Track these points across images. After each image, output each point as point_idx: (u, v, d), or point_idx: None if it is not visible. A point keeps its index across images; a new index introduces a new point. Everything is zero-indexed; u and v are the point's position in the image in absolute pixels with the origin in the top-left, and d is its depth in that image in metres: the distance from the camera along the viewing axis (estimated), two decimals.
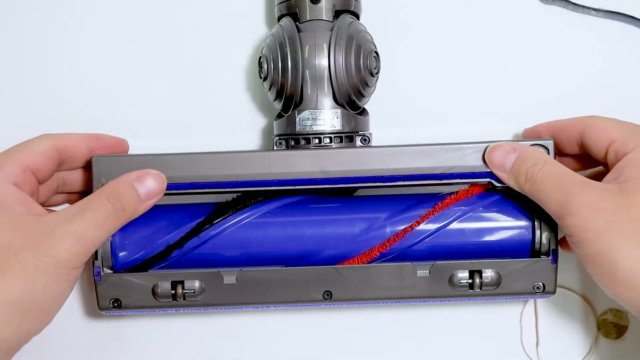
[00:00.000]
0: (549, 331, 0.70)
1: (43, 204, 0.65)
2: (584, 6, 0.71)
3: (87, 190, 0.66)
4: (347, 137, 0.65)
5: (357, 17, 0.67)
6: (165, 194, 0.64)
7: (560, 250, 0.64)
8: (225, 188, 0.64)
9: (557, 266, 0.63)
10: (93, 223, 0.59)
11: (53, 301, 0.60)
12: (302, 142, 0.65)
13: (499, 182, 0.63)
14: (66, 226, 0.59)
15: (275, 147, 0.66)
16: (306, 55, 0.64)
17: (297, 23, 0.65)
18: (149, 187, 0.62)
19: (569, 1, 0.71)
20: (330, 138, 0.65)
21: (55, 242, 0.58)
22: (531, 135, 0.67)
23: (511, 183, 0.62)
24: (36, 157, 0.62)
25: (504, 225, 0.64)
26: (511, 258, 0.64)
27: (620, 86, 0.71)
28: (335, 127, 0.65)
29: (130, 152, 0.67)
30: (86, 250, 0.59)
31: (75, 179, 0.66)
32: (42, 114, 0.71)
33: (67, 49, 0.71)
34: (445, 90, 0.71)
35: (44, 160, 0.63)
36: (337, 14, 0.66)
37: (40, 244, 0.58)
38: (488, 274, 0.64)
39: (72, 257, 0.59)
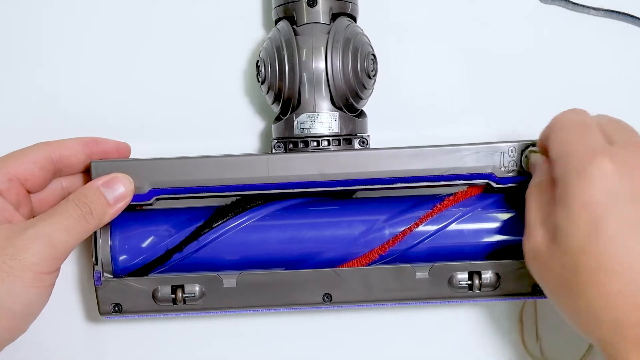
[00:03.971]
0: (549, 328, 0.70)
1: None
2: (583, 5, 0.71)
3: None
4: (345, 139, 0.65)
5: (354, 19, 0.68)
6: (165, 199, 0.64)
7: None
8: (224, 192, 0.64)
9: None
10: (61, 227, 0.60)
11: (23, 307, 0.60)
12: (301, 145, 0.65)
13: (497, 183, 0.63)
14: (34, 230, 0.59)
15: (273, 151, 0.66)
16: (303, 59, 0.64)
17: (294, 26, 0.66)
18: (117, 192, 0.62)
19: (569, 1, 0.71)
20: (329, 141, 0.65)
21: (23, 245, 0.59)
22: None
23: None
24: (26, 167, 0.63)
25: (502, 226, 0.64)
26: (510, 259, 0.64)
27: (620, 86, 0.71)
28: (333, 129, 0.65)
29: (129, 156, 0.67)
30: (56, 254, 0.60)
31: (77, 185, 0.66)
32: (40, 116, 0.71)
33: (65, 51, 0.71)
34: (443, 92, 0.71)
35: (36, 170, 0.63)
36: (334, 16, 0.66)
37: (7, 247, 0.58)
38: (487, 275, 0.63)
39: (41, 260, 0.59)
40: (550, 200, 0.55)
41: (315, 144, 0.65)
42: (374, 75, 0.66)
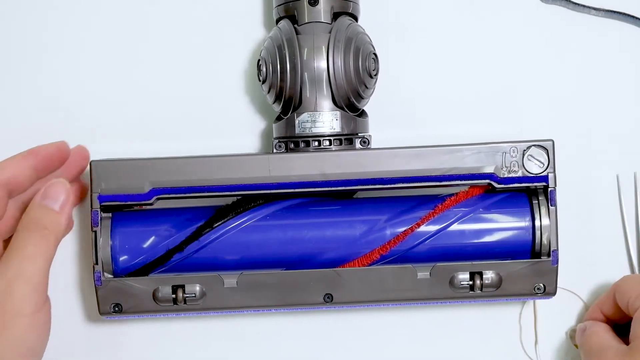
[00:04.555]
0: (547, 331, 0.70)
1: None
2: (584, 5, 0.71)
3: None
4: (347, 139, 0.65)
5: (356, 19, 0.67)
6: (166, 198, 0.64)
7: (560, 251, 0.64)
8: (225, 191, 0.64)
9: (557, 267, 0.63)
10: (25, 260, 0.59)
11: (27, 351, 0.59)
12: (302, 144, 0.65)
13: (498, 183, 0.63)
14: (2, 280, 0.58)
15: (274, 150, 0.65)
16: (305, 58, 0.64)
17: (296, 25, 0.65)
18: (59, 198, 0.61)
19: (569, 1, 0.71)
20: (330, 140, 0.65)
21: (1, 297, 0.57)
22: (593, 316, 0.68)
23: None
24: None
25: (504, 227, 0.64)
26: (511, 259, 0.64)
27: (620, 86, 0.71)
28: (334, 129, 0.65)
29: (129, 155, 0.67)
30: (35, 288, 0.59)
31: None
32: (41, 116, 0.71)
33: (65, 51, 0.71)
34: (444, 92, 0.71)
35: None
36: (336, 16, 0.66)
37: None
38: (489, 275, 0.63)
39: (23, 300, 0.58)
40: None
41: (316, 143, 0.65)
42: (375, 75, 0.66)
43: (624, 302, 0.63)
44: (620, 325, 0.66)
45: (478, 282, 0.63)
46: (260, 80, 0.66)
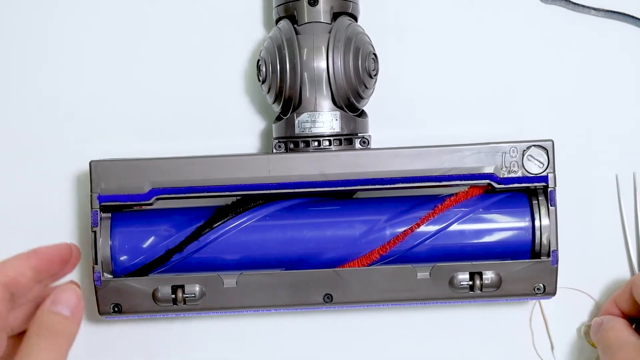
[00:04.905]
0: (560, 333, 0.70)
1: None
2: (584, 6, 0.71)
3: None
4: (346, 139, 0.65)
5: (355, 19, 0.67)
6: (166, 198, 0.64)
7: (560, 251, 0.64)
8: (224, 191, 0.64)
9: (557, 267, 0.63)
10: None
11: None
12: (302, 144, 0.65)
13: (498, 184, 0.63)
14: None
15: (274, 150, 0.65)
16: (304, 58, 0.64)
17: (295, 25, 0.65)
18: (68, 303, 0.59)
19: (569, 1, 0.71)
20: (330, 140, 0.65)
21: None
22: (609, 311, 0.68)
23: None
24: None
25: (504, 227, 0.64)
26: (511, 259, 0.64)
27: (620, 86, 0.71)
28: (334, 129, 0.65)
29: (129, 155, 0.67)
30: None
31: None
32: (41, 116, 0.71)
33: (66, 51, 0.71)
34: (444, 92, 0.71)
35: None
36: (335, 16, 0.66)
37: None
38: (488, 275, 0.63)
39: None
40: None
41: (316, 143, 0.65)
42: (375, 75, 0.66)
43: None
44: (635, 320, 0.65)
45: (478, 282, 0.63)
46: (260, 81, 0.66)
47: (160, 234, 0.65)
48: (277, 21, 0.67)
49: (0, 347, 0.59)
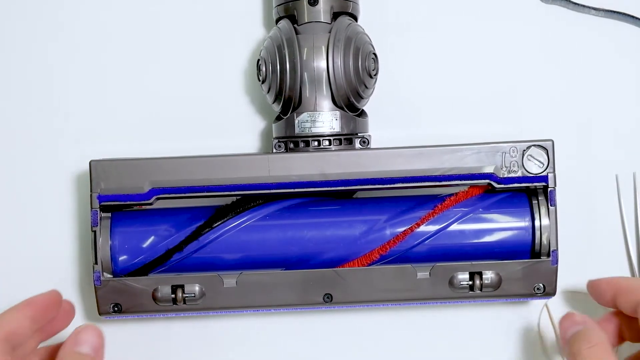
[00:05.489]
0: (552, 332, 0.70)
1: None
2: (584, 5, 0.71)
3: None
4: (346, 139, 0.65)
5: (355, 18, 0.67)
6: (165, 198, 0.64)
7: (560, 251, 0.64)
8: (224, 191, 0.64)
9: (557, 267, 0.63)
10: None
11: None
12: (302, 144, 0.65)
13: (498, 183, 0.63)
14: None
15: (274, 150, 0.65)
16: (304, 58, 0.64)
17: (295, 25, 0.65)
18: (90, 342, 0.60)
19: (570, 1, 0.71)
20: (330, 140, 0.65)
21: None
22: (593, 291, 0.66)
23: (563, 344, 0.62)
24: None
25: (504, 227, 0.64)
26: (511, 259, 0.64)
27: (620, 86, 0.71)
28: (334, 129, 0.65)
29: (128, 155, 0.67)
30: None
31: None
32: (41, 116, 0.71)
33: (64, 50, 0.71)
34: (444, 92, 0.71)
35: None
36: (335, 15, 0.66)
37: None
38: (488, 275, 0.63)
39: None
40: None
41: (316, 143, 0.65)
42: (375, 75, 0.66)
43: (629, 305, 0.62)
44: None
45: (478, 282, 0.63)
46: (260, 80, 0.66)
47: (160, 233, 0.65)
48: (277, 21, 0.67)
49: None
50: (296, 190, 0.64)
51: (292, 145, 0.65)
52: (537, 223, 0.64)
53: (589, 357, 0.59)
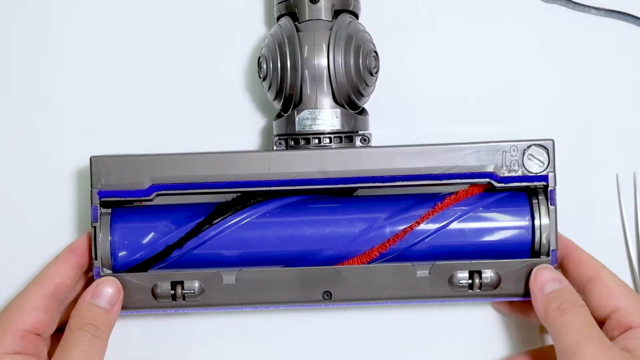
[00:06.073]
0: None
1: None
2: (584, 5, 0.71)
3: None
4: (347, 137, 0.65)
5: (357, 16, 0.67)
6: (166, 194, 0.64)
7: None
8: (224, 188, 0.64)
9: (557, 267, 0.63)
10: (80, 356, 0.59)
11: None
12: (302, 142, 0.65)
13: (498, 182, 0.63)
14: None
15: (274, 147, 0.65)
16: (305, 55, 0.64)
17: (296, 23, 0.65)
18: (107, 296, 0.61)
19: (570, 0, 0.71)
20: (330, 138, 0.65)
21: None
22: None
23: (538, 303, 0.61)
24: (32, 317, 0.61)
25: (503, 226, 0.64)
26: (511, 258, 0.64)
27: (620, 85, 0.71)
28: (334, 126, 0.65)
29: (129, 152, 0.67)
30: None
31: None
32: (41, 115, 0.71)
33: (63, 50, 0.71)
34: (445, 90, 0.71)
35: (42, 316, 0.61)
36: (336, 13, 0.66)
37: None
38: (488, 274, 0.63)
39: None
40: None
41: (316, 141, 0.65)
42: (376, 73, 0.66)
43: (602, 306, 0.62)
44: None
45: (477, 281, 0.63)
46: (260, 78, 0.66)
47: (160, 230, 0.65)
48: (278, 18, 0.67)
49: (43, 348, 0.62)
50: (296, 187, 0.64)
51: (292, 143, 0.65)
52: (537, 222, 0.64)
53: (580, 315, 0.59)
